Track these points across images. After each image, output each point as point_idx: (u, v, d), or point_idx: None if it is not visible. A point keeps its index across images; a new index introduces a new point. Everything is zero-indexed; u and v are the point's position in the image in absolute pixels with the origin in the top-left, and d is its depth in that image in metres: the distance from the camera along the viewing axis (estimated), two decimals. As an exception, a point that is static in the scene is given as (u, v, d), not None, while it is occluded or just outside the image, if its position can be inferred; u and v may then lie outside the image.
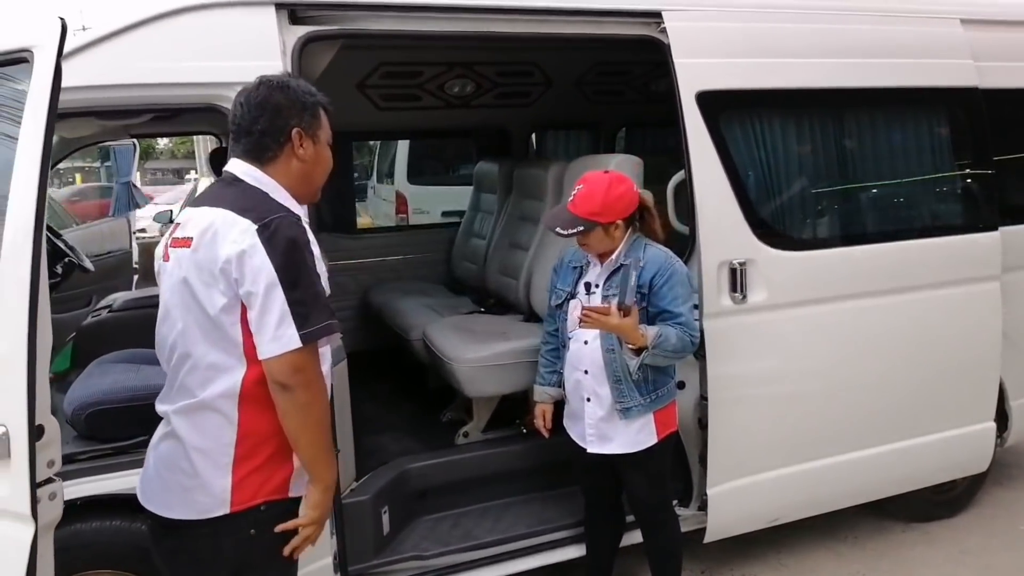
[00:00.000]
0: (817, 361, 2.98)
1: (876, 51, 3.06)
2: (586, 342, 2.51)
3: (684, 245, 2.80)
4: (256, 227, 1.57)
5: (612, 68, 4.63)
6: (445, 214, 7.03)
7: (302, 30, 2.43)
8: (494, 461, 3.11)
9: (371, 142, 9.27)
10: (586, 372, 2.52)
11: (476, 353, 3.09)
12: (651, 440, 2.51)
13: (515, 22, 2.72)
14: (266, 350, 1.58)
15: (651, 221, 2.55)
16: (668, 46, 2.75)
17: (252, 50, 2.32)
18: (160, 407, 1.76)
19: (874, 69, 3.05)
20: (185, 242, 1.67)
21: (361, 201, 9.03)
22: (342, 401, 2.54)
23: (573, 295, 2.57)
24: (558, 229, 2.47)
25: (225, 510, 1.66)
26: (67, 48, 1.80)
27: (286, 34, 2.40)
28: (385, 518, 2.78)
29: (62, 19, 1.47)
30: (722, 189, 2.80)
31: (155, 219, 10.30)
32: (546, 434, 2.72)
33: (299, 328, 1.57)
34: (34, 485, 1.50)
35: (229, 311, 1.61)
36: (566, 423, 2.68)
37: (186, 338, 1.66)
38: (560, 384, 2.68)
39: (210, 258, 1.60)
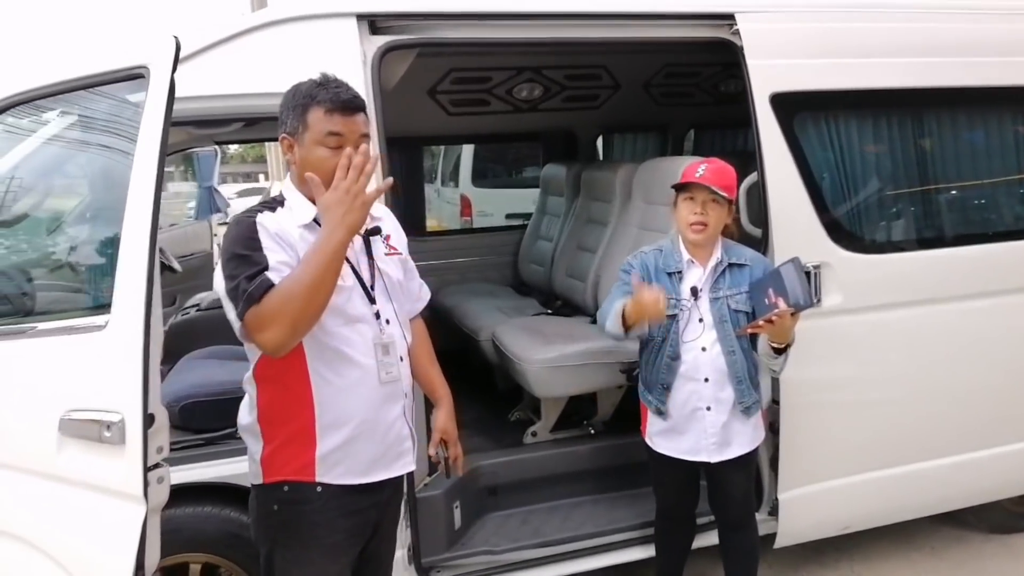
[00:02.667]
0: (893, 366, 2.92)
1: (955, 49, 2.97)
2: (704, 349, 2.42)
3: (756, 247, 2.79)
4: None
5: (681, 70, 4.61)
6: (509, 216, 7.11)
7: (381, 40, 2.50)
8: (562, 461, 3.15)
9: (435, 147, 9.42)
10: (706, 380, 2.43)
11: (546, 354, 3.13)
12: (763, 434, 2.55)
13: (588, 27, 2.76)
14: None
15: (731, 222, 2.49)
16: (741, 48, 2.74)
17: (334, 60, 2.39)
18: None
19: (954, 68, 2.96)
20: None
21: (425, 204, 9.18)
22: (418, 399, 2.61)
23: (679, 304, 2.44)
24: (700, 174, 2.34)
25: (260, 480, 1.82)
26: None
27: (366, 44, 2.48)
28: (457, 513, 2.85)
29: (176, 37, 1.58)
30: (796, 191, 2.77)
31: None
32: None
33: (234, 307, 1.63)
34: (146, 469, 1.61)
35: None
36: (658, 441, 2.55)
37: None
38: None
39: None
